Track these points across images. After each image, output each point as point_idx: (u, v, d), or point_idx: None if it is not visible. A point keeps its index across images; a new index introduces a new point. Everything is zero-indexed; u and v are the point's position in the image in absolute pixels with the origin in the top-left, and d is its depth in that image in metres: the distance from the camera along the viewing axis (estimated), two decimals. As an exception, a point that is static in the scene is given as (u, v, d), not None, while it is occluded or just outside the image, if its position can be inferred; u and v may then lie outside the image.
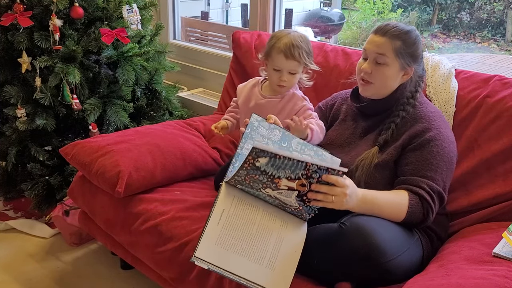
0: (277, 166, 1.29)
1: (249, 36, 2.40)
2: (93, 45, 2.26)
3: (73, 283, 2.10)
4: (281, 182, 1.32)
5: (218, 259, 1.33)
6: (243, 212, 1.40)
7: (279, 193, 1.36)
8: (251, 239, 1.37)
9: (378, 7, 6.48)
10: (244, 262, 1.34)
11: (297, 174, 1.29)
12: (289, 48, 1.66)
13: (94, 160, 1.85)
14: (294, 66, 1.70)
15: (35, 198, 2.33)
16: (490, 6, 6.16)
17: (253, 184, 1.37)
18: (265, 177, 1.32)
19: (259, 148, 1.26)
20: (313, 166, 1.27)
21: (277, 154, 1.26)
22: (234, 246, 1.35)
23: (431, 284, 1.22)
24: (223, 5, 5.87)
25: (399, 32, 1.53)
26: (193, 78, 2.99)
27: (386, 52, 1.52)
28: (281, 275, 1.34)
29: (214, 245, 1.35)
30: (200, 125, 2.25)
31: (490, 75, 1.79)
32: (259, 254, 1.35)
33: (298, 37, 1.70)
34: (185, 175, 1.97)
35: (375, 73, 1.55)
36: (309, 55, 1.72)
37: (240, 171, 1.34)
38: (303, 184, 1.31)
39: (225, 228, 1.37)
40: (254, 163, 1.29)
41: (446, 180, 1.51)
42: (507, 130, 1.64)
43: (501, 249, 1.33)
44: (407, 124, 1.55)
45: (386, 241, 1.33)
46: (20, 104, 2.25)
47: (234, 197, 1.42)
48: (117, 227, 1.81)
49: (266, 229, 1.39)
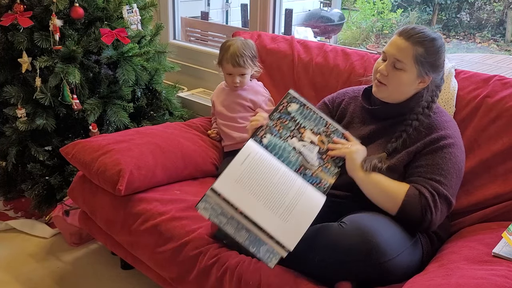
0: (304, 116, 1.55)
1: (249, 37, 2.40)
2: (93, 45, 2.26)
3: (73, 283, 2.10)
4: (305, 133, 1.54)
5: (234, 195, 1.35)
6: (267, 163, 1.45)
7: (303, 146, 1.53)
8: (271, 186, 1.40)
9: (378, 7, 6.48)
10: (259, 207, 1.35)
11: (319, 129, 1.55)
12: (234, 58, 2.03)
13: (95, 159, 1.85)
14: (242, 71, 2.07)
15: (35, 198, 2.33)
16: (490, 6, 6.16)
17: (282, 131, 1.54)
18: (293, 125, 1.54)
19: (292, 95, 1.56)
20: (332, 126, 1.55)
21: (306, 104, 1.56)
22: (253, 188, 1.38)
23: (431, 284, 1.22)
24: (223, 5, 5.87)
25: (423, 38, 1.48)
26: (193, 78, 2.99)
27: (406, 58, 1.48)
28: (292, 229, 1.34)
29: (234, 182, 1.37)
30: (200, 126, 2.25)
31: (490, 75, 1.79)
32: (276, 203, 1.37)
33: (241, 46, 2.06)
34: (185, 175, 1.98)
35: (391, 76, 1.52)
36: (253, 59, 2.10)
37: (274, 113, 1.56)
38: (323, 141, 1.53)
39: (248, 170, 1.40)
40: (287, 107, 1.56)
41: (454, 187, 1.49)
42: (507, 130, 1.64)
43: (501, 249, 1.33)
44: (421, 133, 1.52)
45: (386, 241, 1.33)
46: (20, 104, 2.25)
47: (260, 149, 1.49)
48: (117, 227, 1.81)
49: (287, 182, 1.43)
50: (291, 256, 1.44)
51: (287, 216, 1.36)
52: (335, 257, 1.35)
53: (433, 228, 1.47)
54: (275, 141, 1.53)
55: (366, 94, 1.68)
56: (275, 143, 1.53)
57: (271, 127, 1.55)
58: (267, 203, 1.37)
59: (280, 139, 1.53)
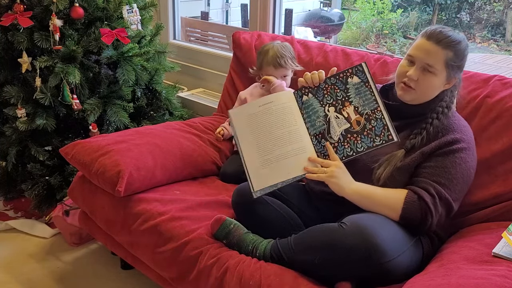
0: (358, 92, 1.54)
1: (249, 37, 2.40)
2: (93, 45, 2.26)
3: (73, 283, 2.10)
4: (348, 108, 1.54)
5: (239, 124, 1.59)
6: (282, 117, 1.57)
7: (336, 117, 1.55)
8: (270, 135, 1.55)
9: (378, 7, 6.48)
10: (251, 144, 1.55)
11: (363, 109, 1.53)
12: (275, 59, 2.05)
13: (95, 160, 1.85)
14: (284, 72, 2.08)
15: (35, 198, 2.33)
16: (490, 6, 6.15)
17: (326, 96, 1.57)
18: (343, 95, 1.55)
19: (361, 69, 1.55)
20: (379, 113, 1.51)
21: (369, 82, 1.54)
22: (255, 129, 1.56)
23: (430, 284, 1.22)
24: (223, 5, 5.87)
25: (452, 42, 1.47)
26: (193, 78, 2.99)
27: (437, 63, 1.47)
28: (263, 176, 1.52)
29: (245, 116, 1.58)
30: (200, 125, 2.25)
31: (490, 75, 1.79)
32: (265, 150, 1.54)
33: (281, 48, 2.08)
34: (185, 175, 1.98)
35: (421, 81, 1.49)
36: (293, 60, 2.12)
37: (332, 78, 1.58)
38: (359, 122, 1.52)
39: (261, 113, 1.57)
40: (348, 76, 1.56)
41: (459, 192, 1.48)
42: (507, 130, 1.64)
43: (500, 249, 1.33)
44: (438, 134, 1.51)
45: (386, 241, 1.33)
46: (20, 104, 2.25)
47: (290, 103, 1.59)
48: (117, 227, 1.81)
49: (289, 139, 1.55)
50: (291, 256, 1.44)
51: (267, 164, 1.52)
52: (335, 257, 1.35)
53: (432, 229, 1.47)
54: (313, 101, 1.59)
55: (384, 91, 1.66)
56: (311, 104, 1.60)
57: (320, 88, 1.59)
58: (259, 145, 1.54)
59: (319, 103, 1.58)
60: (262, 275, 1.41)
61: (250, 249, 1.51)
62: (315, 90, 1.60)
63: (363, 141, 1.52)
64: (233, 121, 1.60)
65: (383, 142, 1.49)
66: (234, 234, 1.55)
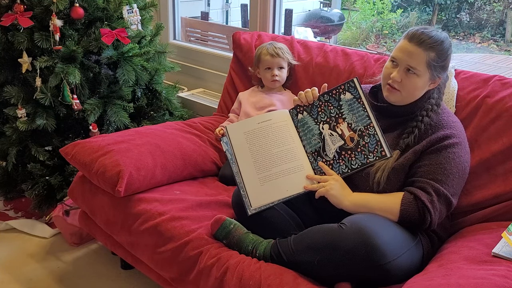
0: (351, 108, 1.55)
1: (249, 37, 2.40)
2: (94, 45, 2.26)
3: (73, 283, 2.10)
4: (342, 124, 1.55)
5: (236, 141, 1.58)
6: (280, 135, 1.59)
7: (330, 135, 1.57)
8: (268, 153, 1.57)
9: (378, 8, 6.48)
10: (248, 161, 1.55)
11: (357, 126, 1.54)
12: (272, 49, 2.13)
13: (95, 160, 1.85)
14: (280, 62, 2.13)
15: (35, 198, 2.33)
16: (489, 6, 6.16)
17: (321, 114, 1.59)
18: (336, 112, 1.57)
19: (353, 85, 1.56)
20: (372, 129, 1.52)
21: (361, 98, 1.55)
22: (253, 146, 1.57)
23: (430, 284, 1.22)
24: (223, 5, 5.87)
25: (434, 42, 1.47)
26: (193, 78, 2.99)
27: (419, 64, 1.47)
28: (261, 194, 1.53)
29: (243, 133, 1.58)
30: (200, 126, 2.25)
31: (489, 75, 1.79)
32: (263, 167, 1.55)
33: (277, 43, 2.17)
34: (185, 175, 1.98)
35: (405, 82, 1.51)
36: (289, 53, 2.18)
37: (325, 95, 1.60)
38: (352, 138, 1.53)
39: (259, 131, 1.58)
40: (341, 92, 1.57)
41: (456, 187, 1.49)
42: (507, 130, 1.64)
43: (500, 249, 1.33)
44: (428, 131, 1.52)
45: (386, 243, 1.33)
46: (20, 104, 2.25)
47: (287, 121, 1.62)
48: (117, 227, 1.81)
49: (286, 158, 1.57)
50: (291, 256, 1.44)
51: (265, 181, 1.54)
52: (335, 258, 1.35)
53: (432, 227, 1.48)
54: (307, 120, 1.62)
55: (373, 92, 1.67)
56: (306, 122, 1.61)
57: (314, 106, 1.61)
58: (256, 163, 1.55)
59: (313, 121, 1.61)
60: (262, 275, 1.41)
61: (250, 249, 1.52)
62: (310, 108, 1.62)
63: (357, 158, 1.54)
64: (230, 137, 1.60)
65: (376, 158, 1.52)
66: (234, 234, 1.56)
